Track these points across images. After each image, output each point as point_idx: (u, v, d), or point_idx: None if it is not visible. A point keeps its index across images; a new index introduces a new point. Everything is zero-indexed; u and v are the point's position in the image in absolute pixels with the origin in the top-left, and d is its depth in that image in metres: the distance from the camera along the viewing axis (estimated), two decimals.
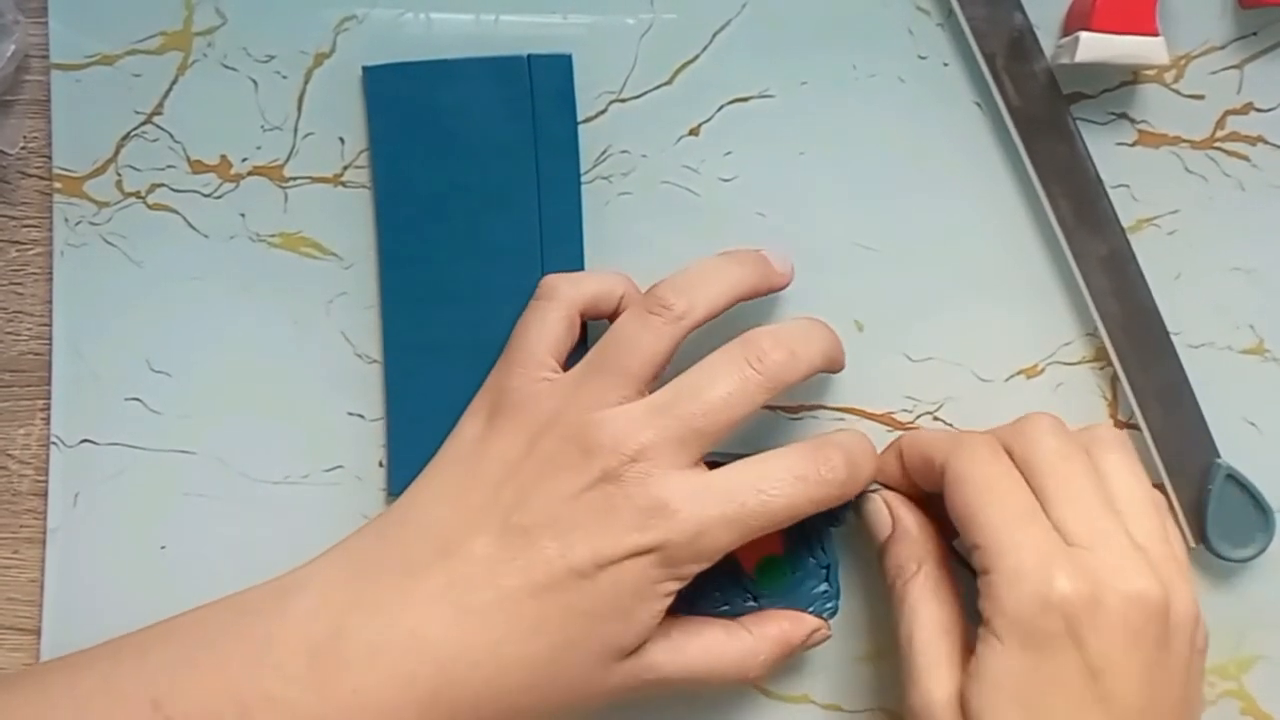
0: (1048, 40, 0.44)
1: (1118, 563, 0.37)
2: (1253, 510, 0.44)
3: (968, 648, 0.39)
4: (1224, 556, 0.44)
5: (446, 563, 0.38)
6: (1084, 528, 0.38)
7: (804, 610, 0.43)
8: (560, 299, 0.42)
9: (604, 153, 0.45)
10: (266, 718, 0.37)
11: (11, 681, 0.41)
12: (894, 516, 0.43)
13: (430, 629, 0.38)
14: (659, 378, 0.40)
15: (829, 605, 0.43)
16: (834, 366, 0.42)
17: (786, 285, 0.43)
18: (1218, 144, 0.45)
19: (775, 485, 0.38)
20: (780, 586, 0.43)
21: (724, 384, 0.39)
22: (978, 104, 0.45)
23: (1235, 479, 0.44)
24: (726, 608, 0.43)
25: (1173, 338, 0.44)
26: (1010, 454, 0.40)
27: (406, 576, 0.39)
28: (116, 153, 0.45)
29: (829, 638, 0.43)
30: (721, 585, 0.42)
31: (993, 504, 0.38)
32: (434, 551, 0.39)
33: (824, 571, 0.43)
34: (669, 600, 0.39)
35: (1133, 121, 0.45)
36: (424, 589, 0.38)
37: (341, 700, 0.37)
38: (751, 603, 0.43)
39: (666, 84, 0.45)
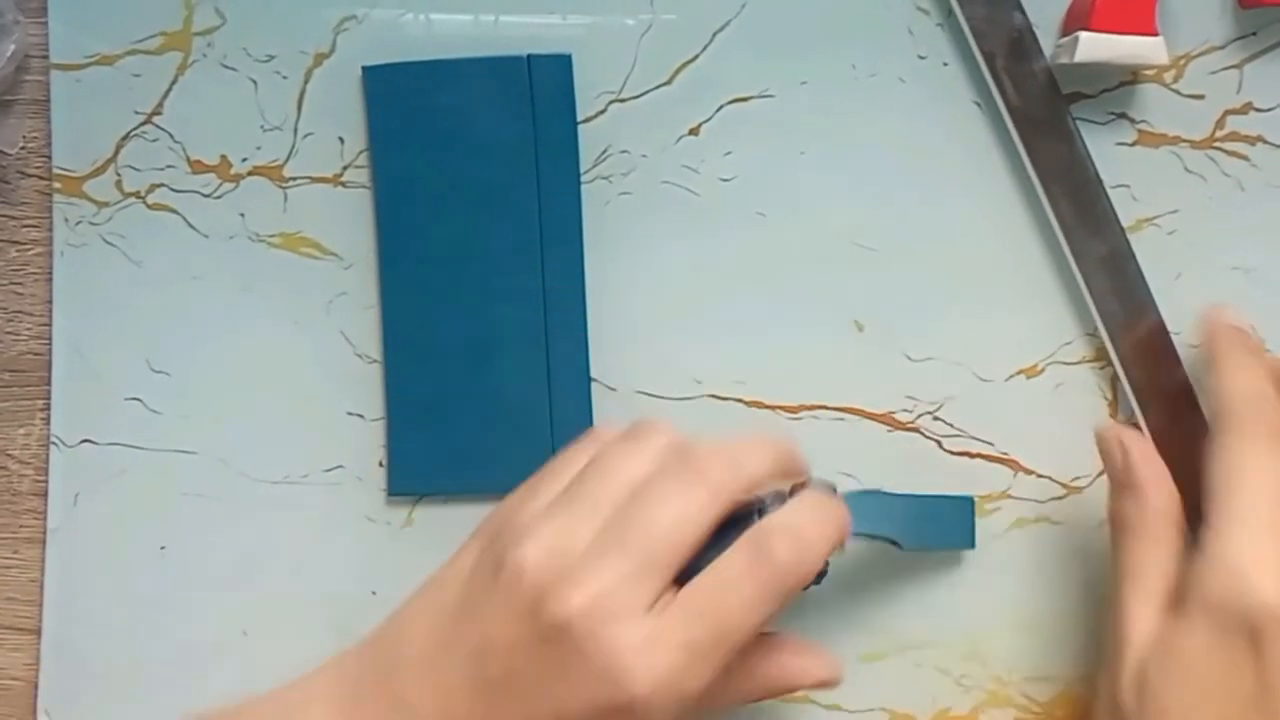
0: (1047, 40, 0.44)
1: None
2: None
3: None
4: None
5: (426, 709, 0.36)
6: None
7: None
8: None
9: (604, 153, 0.45)
10: None
11: None
12: (1130, 466, 0.41)
13: None
14: None
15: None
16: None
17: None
18: (1217, 144, 0.45)
19: (729, 600, 0.35)
20: None
21: (673, 507, 0.36)
22: (977, 104, 0.45)
23: None
24: None
25: (1173, 338, 0.45)
26: None
27: (391, 712, 0.36)
28: (116, 153, 0.45)
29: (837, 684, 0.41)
30: None
31: (1244, 495, 0.38)
32: (416, 691, 0.36)
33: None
34: None
35: (1132, 121, 0.45)
36: None
37: None
38: None
39: (666, 84, 0.45)
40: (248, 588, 0.45)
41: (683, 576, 0.36)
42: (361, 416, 0.45)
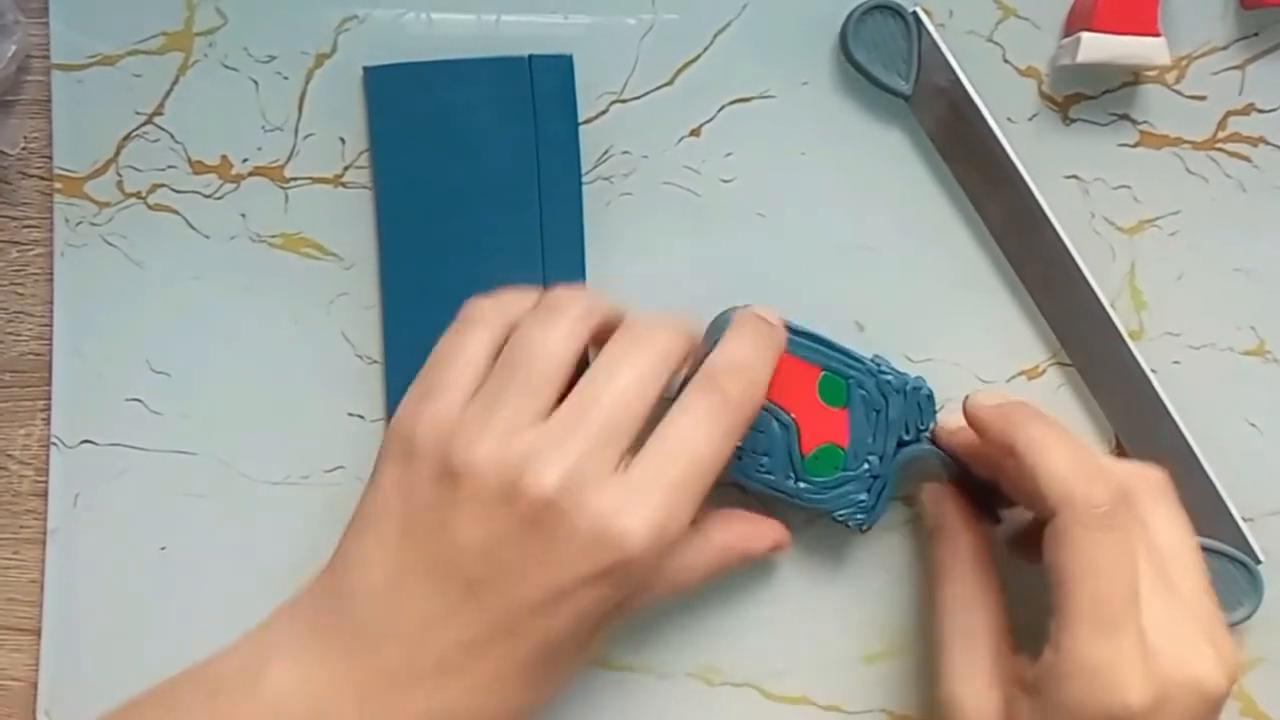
0: (1049, 40, 0.44)
1: (1191, 662, 0.37)
2: (1237, 571, 0.44)
3: (1003, 650, 0.39)
4: None
5: (396, 632, 0.36)
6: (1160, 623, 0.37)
7: (835, 512, 0.42)
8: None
9: (605, 153, 0.45)
10: None
11: None
12: (940, 511, 0.42)
13: (402, 701, 0.36)
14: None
15: (859, 517, 0.42)
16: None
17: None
18: (1219, 145, 0.45)
19: (693, 438, 0.36)
20: (826, 477, 0.42)
21: (625, 374, 0.37)
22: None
23: (1210, 549, 0.43)
24: (770, 477, 0.42)
25: (1173, 339, 0.45)
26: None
27: (366, 652, 0.36)
28: (117, 153, 0.45)
29: (785, 548, 0.44)
30: (774, 453, 0.41)
31: (1093, 587, 0.36)
32: (381, 618, 0.36)
33: (872, 482, 0.42)
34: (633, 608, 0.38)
35: (1134, 122, 0.45)
36: (383, 665, 0.36)
37: None
38: (793, 482, 0.42)
39: (667, 84, 0.45)
40: (248, 588, 0.45)
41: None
42: (361, 417, 0.45)
